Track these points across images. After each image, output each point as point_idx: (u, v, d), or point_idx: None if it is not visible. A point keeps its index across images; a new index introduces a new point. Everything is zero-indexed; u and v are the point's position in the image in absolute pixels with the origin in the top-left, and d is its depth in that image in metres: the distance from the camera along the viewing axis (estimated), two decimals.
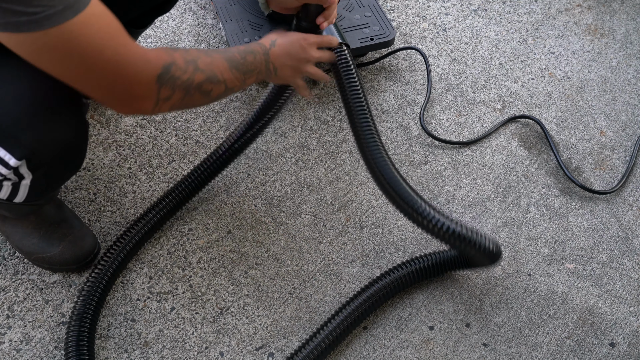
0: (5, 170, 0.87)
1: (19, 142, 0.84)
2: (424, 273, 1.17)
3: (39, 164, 0.89)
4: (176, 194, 1.22)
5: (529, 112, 1.53)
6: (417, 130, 1.46)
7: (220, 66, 0.92)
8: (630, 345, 1.16)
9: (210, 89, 0.91)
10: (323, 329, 1.08)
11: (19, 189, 0.95)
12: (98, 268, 1.12)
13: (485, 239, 1.04)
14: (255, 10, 1.53)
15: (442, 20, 1.72)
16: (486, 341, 1.15)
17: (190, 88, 0.87)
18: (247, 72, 0.97)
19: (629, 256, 1.28)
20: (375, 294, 1.13)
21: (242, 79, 0.97)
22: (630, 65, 1.65)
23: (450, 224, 1.01)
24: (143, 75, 0.79)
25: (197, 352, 1.11)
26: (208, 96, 0.92)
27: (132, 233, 1.17)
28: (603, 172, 1.42)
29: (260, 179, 1.35)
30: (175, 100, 0.86)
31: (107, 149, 1.37)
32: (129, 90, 0.79)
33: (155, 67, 0.80)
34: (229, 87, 0.95)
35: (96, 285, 1.10)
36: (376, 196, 1.34)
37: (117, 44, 0.75)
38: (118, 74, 0.76)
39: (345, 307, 1.11)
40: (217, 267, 1.21)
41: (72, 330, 1.05)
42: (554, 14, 1.77)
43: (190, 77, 0.86)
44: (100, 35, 0.72)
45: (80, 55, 0.72)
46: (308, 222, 1.29)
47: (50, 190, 1.01)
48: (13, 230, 1.14)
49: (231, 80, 0.94)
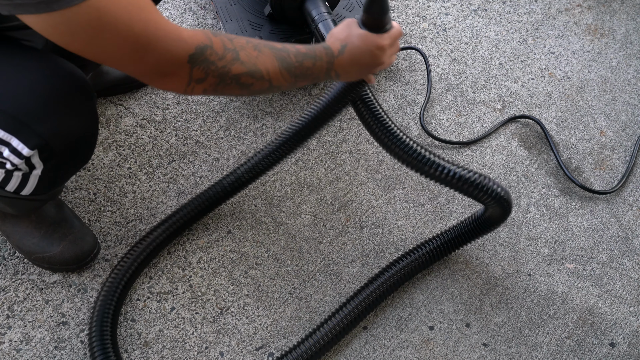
0: (17, 160, 0.88)
1: (33, 131, 0.85)
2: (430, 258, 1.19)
3: (51, 154, 0.90)
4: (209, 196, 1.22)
5: (529, 112, 1.53)
6: (417, 130, 1.46)
7: (267, 63, 0.87)
8: (630, 345, 1.16)
9: (250, 82, 0.86)
10: (323, 326, 1.08)
11: (29, 180, 0.95)
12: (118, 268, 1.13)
13: (497, 185, 1.06)
14: (256, 10, 1.53)
15: (442, 20, 1.72)
16: (486, 341, 1.15)
17: (225, 77, 0.83)
18: (300, 75, 0.92)
19: (629, 256, 1.28)
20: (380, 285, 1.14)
21: (292, 81, 0.92)
22: (630, 65, 1.65)
23: (464, 172, 1.03)
24: (174, 52, 0.77)
25: (197, 352, 1.11)
26: (247, 89, 0.87)
27: (162, 228, 1.18)
28: (603, 172, 1.42)
29: (260, 179, 1.35)
30: (208, 85, 0.83)
31: (107, 149, 1.37)
32: (160, 67, 0.77)
33: (189, 47, 0.78)
34: (274, 85, 0.90)
35: (118, 280, 1.12)
36: (376, 196, 1.34)
37: (147, 18, 0.73)
38: (148, 50, 0.74)
39: (346, 304, 1.12)
40: (217, 267, 1.21)
41: (95, 330, 1.06)
42: (554, 14, 1.77)
43: (226, 65, 0.82)
44: (129, 9, 0.71)
45: (110, 31, 0.71)
46: (308, 222, 1.29)
47: (57, 183, 1.01)
48: (13, 230, 1.15)
49: (278, 80, 0.89)
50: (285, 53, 0.90)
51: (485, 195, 1.04)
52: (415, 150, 1.02)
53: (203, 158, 1.37)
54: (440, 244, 1.19)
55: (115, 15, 0.70)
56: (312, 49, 0.93)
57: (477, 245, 1.27)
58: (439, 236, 1.21)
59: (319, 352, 1.06)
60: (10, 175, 0.93)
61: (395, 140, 1.03)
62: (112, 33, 0.71)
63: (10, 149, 0.86)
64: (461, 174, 1.02)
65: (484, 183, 1.03)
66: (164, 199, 1.30)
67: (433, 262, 1.20)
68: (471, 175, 1.02)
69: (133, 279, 1.14)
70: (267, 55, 0.87)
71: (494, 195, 1.04)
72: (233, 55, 0.83)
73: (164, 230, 1.18)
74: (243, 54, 0.84)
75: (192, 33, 0.79)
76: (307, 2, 1.35)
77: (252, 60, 0.85)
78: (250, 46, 0.86)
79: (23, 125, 0.84)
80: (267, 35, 1.48)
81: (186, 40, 0.77)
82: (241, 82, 0.85)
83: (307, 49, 0.93)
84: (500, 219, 1.13)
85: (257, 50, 0.86)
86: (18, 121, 0.84)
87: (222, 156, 1.38)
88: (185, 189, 1.32)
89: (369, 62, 0.97)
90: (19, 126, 0.84)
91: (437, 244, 1.19)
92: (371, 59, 0.96)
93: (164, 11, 1.65)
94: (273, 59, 0.88)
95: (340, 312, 1.10)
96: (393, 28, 0.98)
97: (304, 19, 1.38)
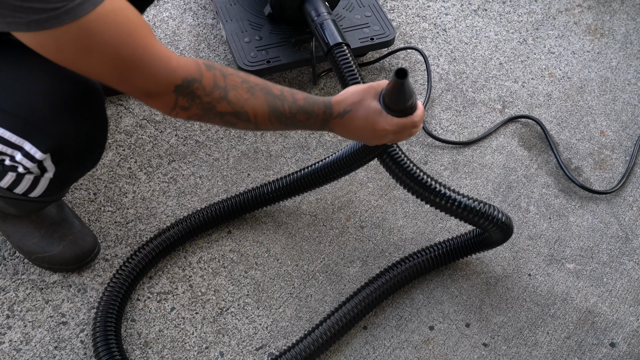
0: (30, 164, 0.88)
1: (46, 135, 0.85)
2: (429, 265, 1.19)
3: (63, 157, 0.90)
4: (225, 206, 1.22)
5: (529, 112, 1.53)
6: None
7: (257, 108, 0.86)
8: (630, 345, 1.16)
9: (234, 122, 0.86)
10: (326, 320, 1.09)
11: (39, 183, 0.95)
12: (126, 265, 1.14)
13: (498, 211, 1.07)
14: (256, 10, 1.53)
15: (442, 20, 1.72)
16: (486, 341, 1.15)
17: (209, 112, 0.83)
18: (291, 125, 0.91)
19: (629, 256, 1.28)
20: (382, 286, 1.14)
21: (281, 128, 0.91)
22: (630, 65, 1.65)
23: (463, 199, 1.04)
24: (160, 80, 0.77)
25: (197, 352, 1.11)
26: (232, 126, 0.88)
27: (176, 228, 1.19)
28: (603, 172, 1.42)
29: (260, 179, 1.35)
30: (192, 114, 0.83)
31: (107, 149, 1.37)
32: (145, 89, 0.78)
33: (176, 77, 0.78)
34: (261, 128, 0.90)
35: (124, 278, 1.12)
36: (376, 196, 1.34)
37: (136, 42, 0.73)
38: (134, 73, 0.75)
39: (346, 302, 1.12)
40: (217, 267, 1.21)
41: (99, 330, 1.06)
42: (554, 14, 1.77)
43: (212, 101, 0.82)
44: (118, 31, 0.71)
45: (98, 52, 0.71)
46: (308, 222, 1.29)
47: (67, 186, 1.02)
48: (13, 230, 1.15)
49: (265, 125, 0.89)
50: (279, 102, 0.88)
51: (489, 224, 1.06)
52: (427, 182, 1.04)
53: (203, 158, 1.37)
54: (439, 253, 1.19)
55: (103, 37, 0.70)
56: (311, 104, 0.91)
57: None
58: (439, 245, 1.20)
59: (313, 354, 1.06)
60: (20, 178, 0.93)
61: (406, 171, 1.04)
62: (99, 54, 0.72)
63: (23, 153, 0.86)
64: (466, 203, 1.03)
65: (489, 212, 1.05)
66: (164, 199, 1.30)
67: (428, 271, 1.20)
68: (476, 205, 1.04)
69: (138, 279, 1.15)
70: (259, 100, 0.86)
71: (496, 222, 1.06)
72: (221, 93, 0.83)
73: (177, 231, 1.19)
74: (232, 94, 0.84)
75: (182, 62, 0.79)
76: (307, 2, 1.35)
77: (241, 102, 0.84)
78: (244, 87, 0.85)
79: (35, 129, 0.85)
80: (267, 35, 1.48)
81: (174, 70, 0.78)
82: (225, 119, 0.86)
83: (305, 102, 0.91)
84: (501, 242, 1.15)
85: (250, 92, 0.85)
86: (30, 124, 0.84)
87: (222, 156, 1.38)
88: (185, 189, 1.32)
89: (366, 136, 0.94)
90: (32, 129, 0.85)
91: (436, 254, 1.19)
92: (370, 137, 0.94)
93: (164, 11, 1.65)
94: (265, 105, 0.87)
95: (335, 315, 1.10)
96: (411, 116, 0.93)
97: (303, 19, 1.38)
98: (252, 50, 1.45)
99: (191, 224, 1.20)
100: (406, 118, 0.93)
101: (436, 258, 1.19)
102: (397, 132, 0.93)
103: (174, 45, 1.58)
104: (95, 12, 0.69)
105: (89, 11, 0.68)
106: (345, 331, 1.10)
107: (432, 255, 1.18)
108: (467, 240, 1.18)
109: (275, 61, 1.43)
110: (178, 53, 1.57)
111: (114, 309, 1.08)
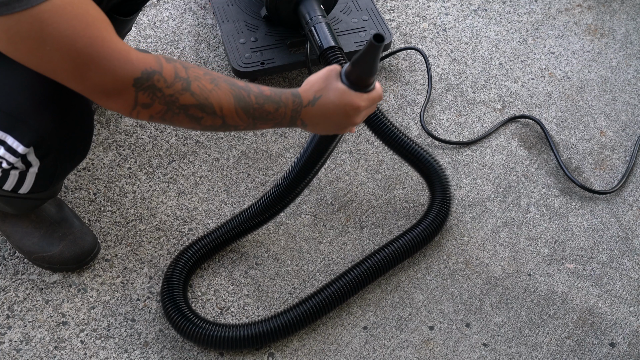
0: (13, 159, 0.87)
1: (28, 128, 0.84)
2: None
3: (48, 151, 0.89)
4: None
5: (529, 112, 1.53)
6: (417, 130, 1.46)
7: (222, 99, 0.83)
8: (630, 345, 1.16)
9: (200, 115, 0.83)
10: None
11: (26, 178, 0.95)
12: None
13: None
14: (253, 11, 1.53)
15: (442, 20, 1.72)
16: (486, 341, 1.15)
17: (172, 106, 0.80)
18: (259, 117, 0.88)
19: (629, 256, 1.28)
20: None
21: (249, 122, 0.88)
22: (630, 65, 1.65)
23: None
24: (118, 73, 0.74)
25: (197, 352, 1.11)
26: (198, 122, 0.84)
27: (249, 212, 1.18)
28: (603, 172, 1.42)
29: (260, 179, 1.35)
30: (155, 112, 0.80)
31: (107, 149, 1.37)
32: (103, 86, 0.75)
33: (135, 69, 0.75)
34: (228, 123, 0.86)
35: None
36: (376, 196, 1.34)
37: (93, 34, 0.71)
38: (91, 67, 0.72)
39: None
40: (217, 267, 1.21)
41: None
42: (554, 14, 1.77)
43: (174, 94, 0.79)
44: (74, 23, 0.69)
45: (52, 44, 0.69)
46: (308, 222, 1.29)
47: (55, 181, 1.01)
48: (13, 230, 1.15)
49: (232, 118, 0.86)
50: (245, 92, 0.86)
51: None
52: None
53: (203, 158, 1.37)
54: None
55: (58, 28, 0.68)
56: (278, 94, 0.90)
57: (477, 245, 1.27)
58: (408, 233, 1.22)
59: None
60: (7, 174, 0.93)
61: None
62: (54, 46, 0.69)
63: (5, 147, 0.86)
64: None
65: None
66: (164, 199, 1.30)
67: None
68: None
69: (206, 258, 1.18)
70: (223, 91, 0.84)
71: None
72: (184, 85, 0.80)
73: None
74: (195, 85, 0.81)
75: (142, 56, 0.77)
76: (302, 5, 1.35)
77: (205, 93, 0.82)
78: (207, 78, 0.83)
79: (17, 122, 0.84)
80: (263, 36, 1.48)
81: (133, 63, 0.75)
82: (189, 113, 0.82)
83: (272, 92, 0.89)
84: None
85: (213, 83, 0.83)
86: (12, 118, 0.84)
87: (222, 156, 1.38)
88: (185, 189, 1.32)
89: (340, 121, 0.93)
90: (14, 123, 0.84)
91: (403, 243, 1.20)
92: (344, 118, 0.93)
93: (164, 11, 1.65)
94: (230, 95, 0.84)
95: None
96: (375, 89, 0.94)
97: (298, 22, 1.38)
98: (247, 52, 1.44)
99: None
100: (374, 91, 0.94)
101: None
102: (368, 107, 0.94)
103: (174, 45, 1.58)
104: (50, 3, 0.67)
105: (44, 1, 0.66)
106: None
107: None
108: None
109: (270, 63, 1.43)
110: (178, 53, 1.57)
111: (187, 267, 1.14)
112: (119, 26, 1.21)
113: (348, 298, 1.14)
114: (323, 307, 1.11)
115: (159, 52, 1.56)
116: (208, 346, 1.08)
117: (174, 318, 1.07)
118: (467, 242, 1.28)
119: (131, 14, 1.23)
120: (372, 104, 0.95)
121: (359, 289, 1.15)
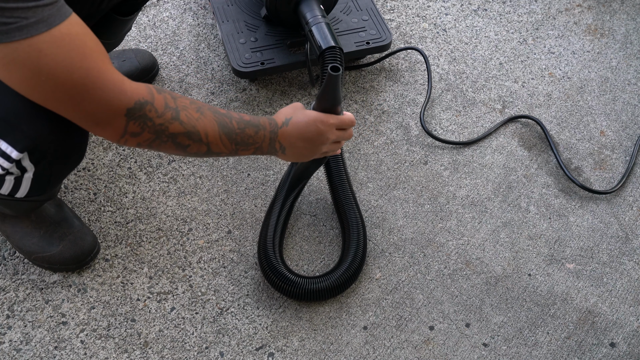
0: (7, 164, 0.87)
1: (21, 133, 0.84)
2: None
3: (42, 156, 0.89)
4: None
5: (529, 112, 1.53)
6: (417, 130, 1.46)
7: (207, 127, 0.88)
8: (630, 345, 1.16)
9: (187, 143, 0.87)
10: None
11: (21, 183, 0.95)
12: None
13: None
14: (252, 11, 1.53)
15: (442, 20, 1.72)
16: (486, 341, 1.15)
17: (161, 134, 0.83)
18: (241, 142, 0.93)
19: (629, 256, 1.28)
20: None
21: (232, 148, 0.93)
22: (630, 65, 1.65)
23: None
24: (112, 104, 0.76)
25: (197, 352, 1.11)
26: (184, 150, 0.88)
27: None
28: (603, 172, 1.42)
29: (260, 179, 1.35)
30: (143, 140, 0.83)
31: (107, 149, 1.37)
32: (96, 116, 0.77)
33: (128, 100, 0.78)
34: (213, 150, 0.91)
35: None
36: (376, 196, 1.34)
37: (89, 66, 0.72)
38: (86, 98, 0.74)
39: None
40: (217, 267, 1.21)
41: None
42: (554, 14, 1.77)
43: (164, 123, 0.83)
44: (71, 55, 0.70)
45: (48, 74, 0.70)
46: (308, 222, 1.29)
47: (52, 185, 1.01)
48: (13, 230, 1.15)
49: (217, 145, 0.90)
50: (227, 118, 0.91)
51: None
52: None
53: (203, 158, 1.37)
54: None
55: (55, 59, 0.69)
56: (256, 118, 0.96)
57: (477, 245, 1.27)
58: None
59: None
60: (2, 179, 0.92)
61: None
62: (50, 77, 0.70)
63: None
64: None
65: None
66: (164, 199, 1.30)
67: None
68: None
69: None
70: (208, 119, 0.88)
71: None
72: (173, 114, 0.84)
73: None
74: (184, 115, 0.85)
75: (135, 86, 0.79)
76: (302, 5, 1.35)
77: (192, 122, 0.86)
78: (193, 107, 0.87)
79: (11, 128, 0.84)
80: (263, 36, 1.48)
81: (127, 94, 0.77)
82: (177, 141, 0.86)
83: (251, 117, 0.95)
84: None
85: (199, 112, 0.87)
86: (6, 124, 0.83)
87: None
88: (185, 189, 1.32)
89: (314, 137, 1.00)
90: (7, 129, 0.84)
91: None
92: (316, 134, 0.99)
93: (164, 11, 1.65)
94: (214, 123, 0.89)
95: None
96: (345, 114, 1.03)
97: (298, 22, 1.38)
98: (247, 52, 1.44)
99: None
100: (344, 115, 1.03)
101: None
102: (339, 126, 1.02)
103: (174, 45, 1.58)
104: (49, 34, 0.68)
105: (42, 32, 0.67)
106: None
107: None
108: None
109: (270, 63, 1.43)
110: (178, 53, 1.57)
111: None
112: (118, 26, 1.21)
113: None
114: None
115: (159, 52, 1.56)
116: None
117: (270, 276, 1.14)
118: (467, 242, 1.28)
119: (131, 13, 1.23)
120: (343, 124, 1.03)
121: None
